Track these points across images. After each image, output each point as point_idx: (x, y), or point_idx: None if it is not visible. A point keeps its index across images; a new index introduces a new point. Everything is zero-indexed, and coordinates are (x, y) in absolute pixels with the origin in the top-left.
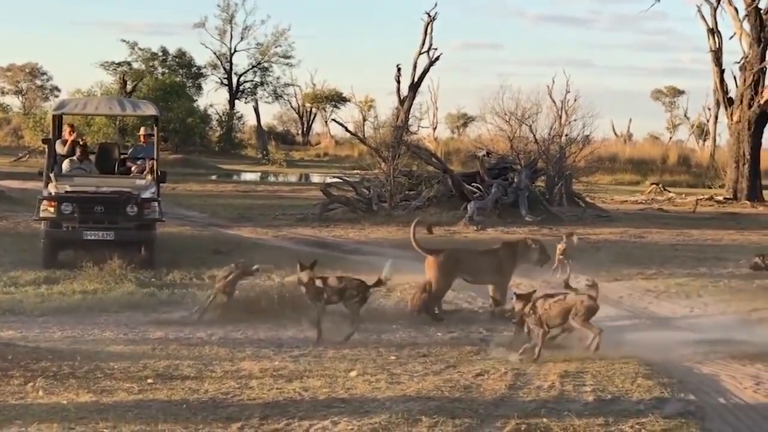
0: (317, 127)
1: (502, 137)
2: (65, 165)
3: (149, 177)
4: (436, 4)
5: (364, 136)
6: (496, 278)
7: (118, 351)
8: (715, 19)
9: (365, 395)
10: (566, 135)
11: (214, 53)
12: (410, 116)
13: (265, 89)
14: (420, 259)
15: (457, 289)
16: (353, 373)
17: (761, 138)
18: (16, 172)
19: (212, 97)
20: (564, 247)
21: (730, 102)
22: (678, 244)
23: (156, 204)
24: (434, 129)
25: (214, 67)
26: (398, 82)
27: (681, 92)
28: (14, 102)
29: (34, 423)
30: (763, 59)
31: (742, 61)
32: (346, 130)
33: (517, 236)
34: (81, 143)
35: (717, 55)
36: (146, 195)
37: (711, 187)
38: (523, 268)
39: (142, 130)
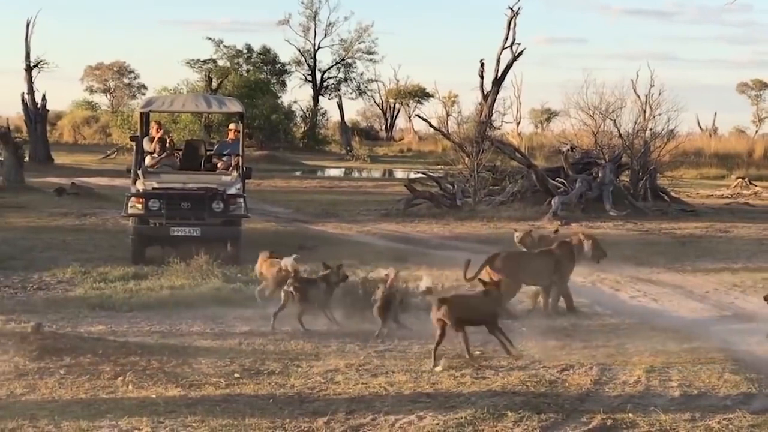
0: (401, 122)
1: (586, 132)
2: (147, 160)
3: (235, 173)
4: None
5: (447, 131)
6: (555, 278)
7: (205, 346)
8: None
9: (450, 390)
10: (651, 129)
11: (298, 50)
12: (494, 111)
13: (348, 85)
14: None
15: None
16: (438, 368)
17: None
18: (105, 169)
19: (296, 94)
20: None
21: None
22: (765, 238)
23: (241, 200)
24: (518, 124)
25: (298, 63)
26: (481, 77)
27: (767, 85)
28: (103, 100)
29: (124, 417)
30: None
31: None
32: (430, 125)
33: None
34: (162, 140)
35: None
36: (232, 191)
37: None
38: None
39: (231, 126)
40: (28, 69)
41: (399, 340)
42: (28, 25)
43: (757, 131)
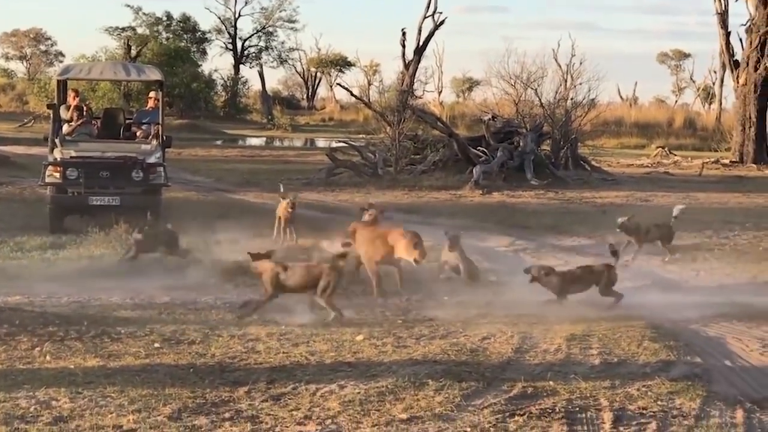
0: (322, 91)
1: (507, 101)
2: (65, 128)
3: (154, 142)
4: None
5: (369, 100)
6: None
7: (124, 316)
8: None
9: (372, 359)
10: (572, 98)
11: (219, 18)
12: (415, 80)
13: (269, 54)
14: (428, 224)
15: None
16: (360, 337)
17: None
18: (22, 137)
19: (217, 62)
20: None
21: (736, 65)
22: (684, 207)
23: (161, 169)
24: (439, 93)
25: (219, 31)
26: (403, 46)
27: (687, 55)
28: (19, 67)
29: (42, 387)
30: None
31: (749, 24)
32: (351, 94)
33: None
34: (78, 107)
35: (723, 17)
36: (151, 160)
37: (717, 151)
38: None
39: (151, 94)
40: None
41: (320, 310)
42: None
43: (676, 101)
